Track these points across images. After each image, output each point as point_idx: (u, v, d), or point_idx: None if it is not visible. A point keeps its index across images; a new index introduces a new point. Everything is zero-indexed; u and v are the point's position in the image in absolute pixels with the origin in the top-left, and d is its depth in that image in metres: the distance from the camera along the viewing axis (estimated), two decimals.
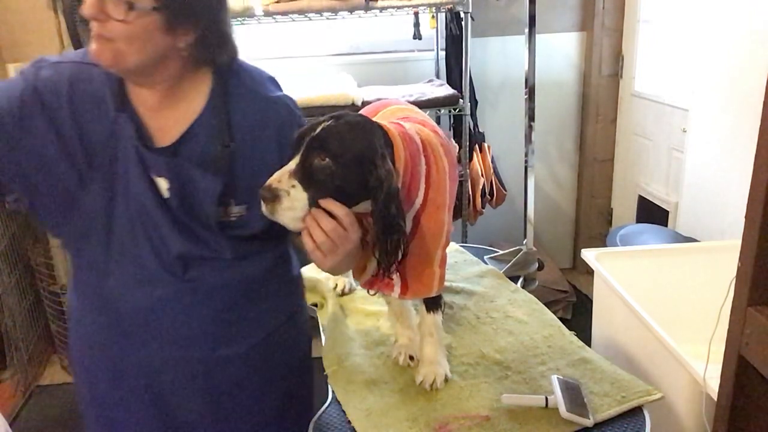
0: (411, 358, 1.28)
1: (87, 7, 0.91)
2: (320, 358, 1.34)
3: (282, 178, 0.95)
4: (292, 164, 0.96)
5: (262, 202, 0.96)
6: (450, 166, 1.17)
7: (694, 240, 2.26)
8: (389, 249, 1.00)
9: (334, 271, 1.08)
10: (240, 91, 1.06)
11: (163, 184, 1.02)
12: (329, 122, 0.99)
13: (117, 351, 1.12)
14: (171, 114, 1.04)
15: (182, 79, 1.02)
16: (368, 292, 1.20)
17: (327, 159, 0.95)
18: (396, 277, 1.15)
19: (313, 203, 0.96)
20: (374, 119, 1.10)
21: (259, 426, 1.22)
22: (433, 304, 1.22)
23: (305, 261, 1.19)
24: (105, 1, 0.90)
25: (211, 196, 1.02)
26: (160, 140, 1.04)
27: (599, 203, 3.29)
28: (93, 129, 1.01)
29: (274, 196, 0.94)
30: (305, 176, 0.95)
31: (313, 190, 0.95)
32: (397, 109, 1.30)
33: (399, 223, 0.99)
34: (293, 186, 0.95)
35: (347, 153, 0.96)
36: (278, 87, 1.13)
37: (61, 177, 1.02)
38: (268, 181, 0.95)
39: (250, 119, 1.06)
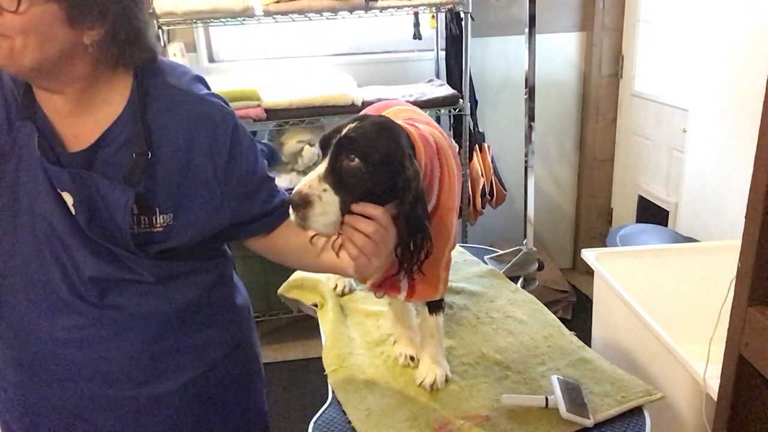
0: (411, 358, 1.28)
1: None
2: (318, 359, 1.34)
3: (312, 183, 0.92)
4: (321, 168, 0.94)
5: (291, 211, 0.92)
6: (456, 168, 1.18)
7: (694, 240, 2.26)
8: (413, 249, 0.98)
9: (373, 273, 1.00)
10: (162, 92, 0.97)
11: (68, 199, 0.91)
12: (355, 123, 0.97)
13: (31, 391, 0.99)
14: (87, 120, 0.94)
15: (96, 81, 0.93)
16: (375, 294, 1.19)
17: (357, 160, 0.93)
18: (404, 281, 1.15)
19: (344, 207, 0.92)
20: None
21: None
22: (435, 306, 1.23)
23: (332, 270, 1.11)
24: None
25: (123, 208, 0.91)
26: (74, 148, 0.94)
27: (599, 203, 3.29)
28: None
29: (305, 203, 0.90)
30: (335, 179, 0.92)
31: (344, 192, 0.92)
32: (400, 110, 1.29)
33: (424, 223, 0.98)
34: (324, 190, 0.91)
35: (377, 154, 0.94)
36: (206, 86, 1.04)
37: None
38: (298, 187, 0.91)
39: (174, 119, 0.96)
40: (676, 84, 2.63)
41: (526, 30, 1.83)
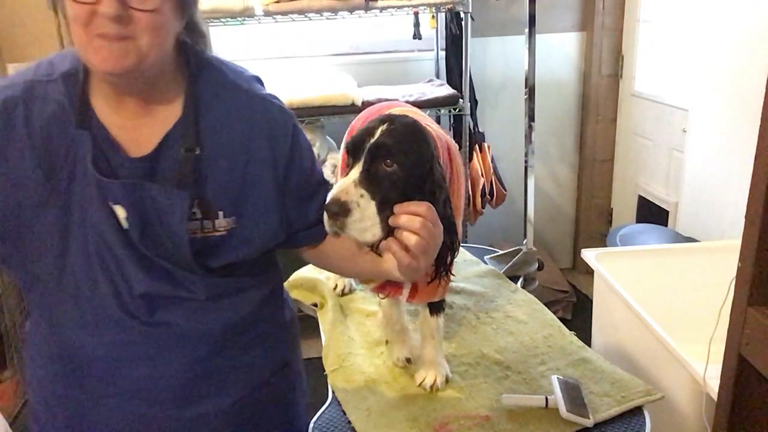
0: (408, 360, 1.28)
1: (107, 7, 0.76)
2: (318, 359, 1.34)
3: (348, 189, 0.88)
4: (355, 173, 0.91)
5: (327, 219, 0.89)
6: (462, 168, 1.18)
7: (694, 240, 2.26)
8: (447, 249, 0.97)
9: (422, 274, 0.95)
10: (219, 89, 0.94)
11: (121, 212, 0.88)
12: (385, 125, 0.94)
13: (73, 406, 0.97)
14: (148, 122, 0.91)
15: (162, 75, 0.89)
16: (378, 296, 1.19)
17: (394, 165, 0.91)
18: (406, 282, 1.15)
19: (381, 212, 0.89)
20: None
21: None
22: (436, 307, 1.23)
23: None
24: None
25: (180, 213, 0.87)
26: (135, 153, 0.90)
27: (599, 203, 3.29)
28: (53, 150, 0.88)
29: (344, 210, 0.87)
30: (371, 184, 0.90)
31: (380, 197, 0.90)
32: (403, 111, 1.29)
33: (455, 223, 0.98)
34: (361, 195, 0.88)
35: (411, 157, 0.93)
36: (263, 86, 1.01)
37: (18, 200, 0.88)
38: (335, 195, 0.88)
39: (233, 118, 0.92)
40: (676, 84, 2.63)
41: (526, 30, 1.83)
